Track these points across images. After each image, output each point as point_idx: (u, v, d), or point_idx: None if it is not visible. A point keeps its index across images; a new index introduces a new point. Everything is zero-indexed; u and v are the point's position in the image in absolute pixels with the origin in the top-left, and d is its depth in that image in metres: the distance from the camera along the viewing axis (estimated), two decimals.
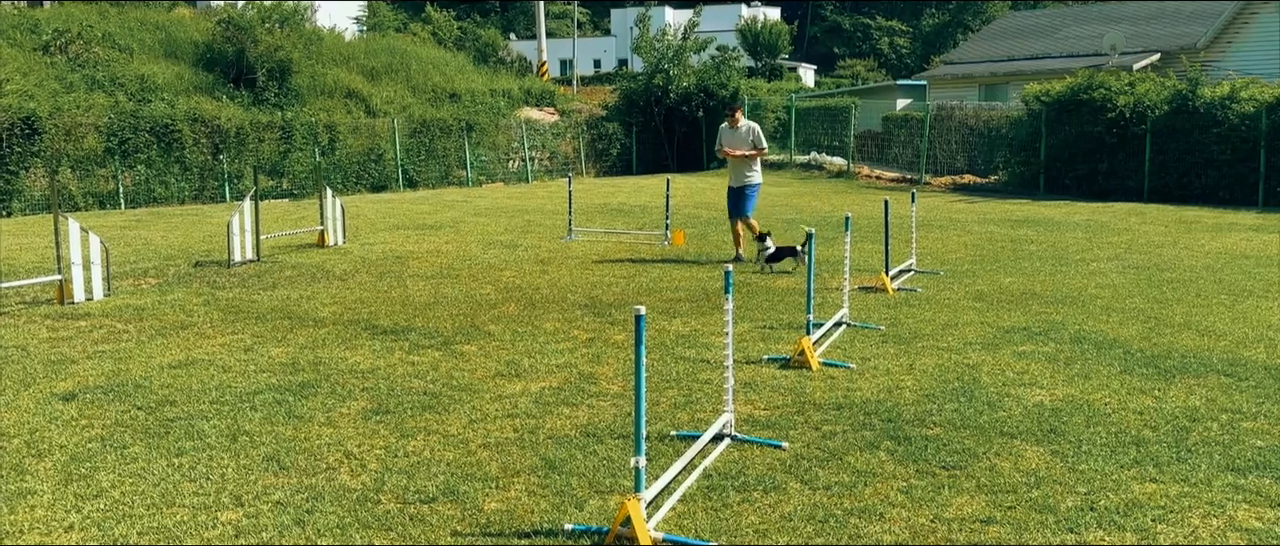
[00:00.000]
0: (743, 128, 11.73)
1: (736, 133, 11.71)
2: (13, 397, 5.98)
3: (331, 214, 13.30)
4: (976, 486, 4.58)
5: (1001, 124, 24.72)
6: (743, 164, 11.64)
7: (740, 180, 11.75)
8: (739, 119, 11.78)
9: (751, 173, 11.71)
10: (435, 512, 4.28)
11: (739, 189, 11.78)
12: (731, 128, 11.76)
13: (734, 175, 11.84)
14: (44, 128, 19.09)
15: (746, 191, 11.73)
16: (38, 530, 4.08)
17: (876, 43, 79.43)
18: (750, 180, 11.73)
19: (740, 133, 11.69)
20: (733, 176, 11.87)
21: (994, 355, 7.06)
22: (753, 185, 11.77)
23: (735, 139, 11.72)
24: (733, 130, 11.74)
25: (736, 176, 11.79)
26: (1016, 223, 16.08)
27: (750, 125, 11.78)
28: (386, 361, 6.89)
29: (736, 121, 11.73)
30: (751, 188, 11.76)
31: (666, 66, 30.53)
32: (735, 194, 11.84)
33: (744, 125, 11.76)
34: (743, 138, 11.66)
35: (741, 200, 11.73)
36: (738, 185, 11.78)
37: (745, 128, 11.73)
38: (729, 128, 11.79)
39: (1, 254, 12.37)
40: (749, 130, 11.69)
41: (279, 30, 25.49)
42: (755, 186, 11.80)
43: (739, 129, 11.72)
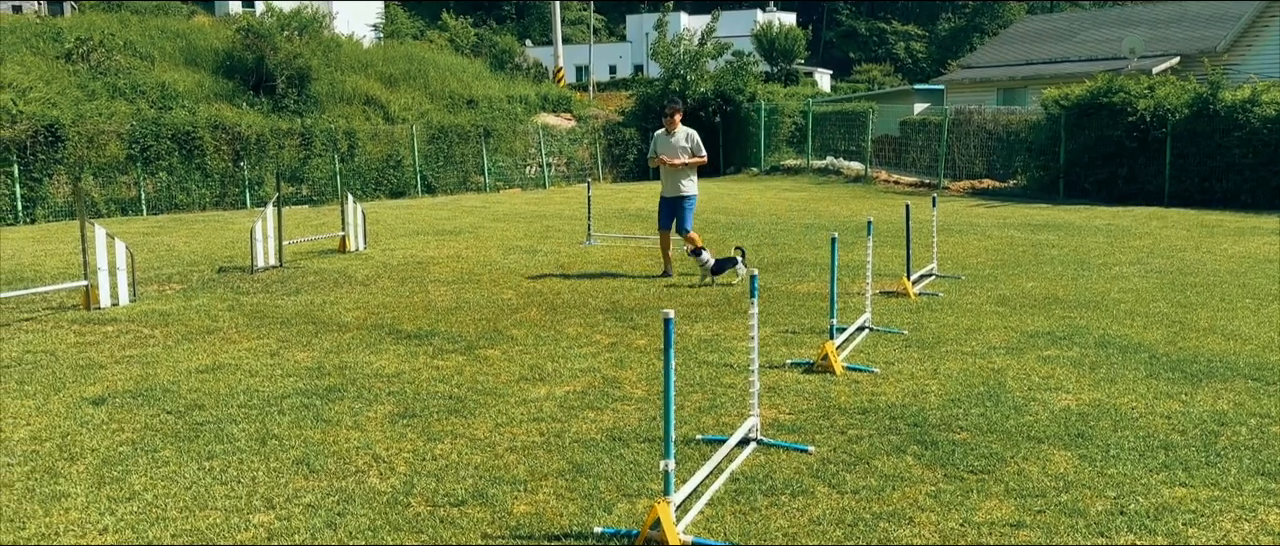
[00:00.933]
0: (680, 133, 10.72)
1: (673, 138, 10.69)
2: (43, 401, 6.05)
3: (353, 220, 13.38)
4: (1005, 490, 4.57)
5: (1020, 128, 24.63)
6: (678, 173, 10.69)
7: (675, 190, 10.77)
8: (677, 122, 10.74)
9: (688, 182, 10.77)
10: (465, 515, 4.30)
11: (674, 200, 10.81)
12: (667, 133, 10.73)
13: (668, 184, 10.83)
14: (67, 135, 19.29)
15: (684, 204, 10.78)
16: (73, 532, 4.12)
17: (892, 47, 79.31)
18: (686, 191, 10.76)
19: (677, 138, 10.68)
20: (666, 186, 10.85)
21: (1018, 359, 7.04)
22: (689, 197, 10.79)
23: (670, 146, 10.69)
24: (669, 135, 10.71)
25: (670, 186, 10.80)
26: (1037, 227, 16.01)
27: (688, 131, 10.79)
28: (411, 365, 6.93)
29: (674, 125, 10.70)
30: (688, 199, 10.79)
31: (683, 72, 30.58)
32: (669, 205, 10.88)
33: (682, 130, 10.75)
34: (679, 144, 10.66)
35: (679, 213, 10.78)
36: (672, 196, 10.81)
37: (683, 133, 10.72)
38: (665, 133, 10.75)
39: (26, 260, 12.50)
40: (687, 136, 10.71)
41: (298, 37, 25.68)
42: (692, 198, 10.85)
43: (676, 134, 10.70)
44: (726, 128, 30.58)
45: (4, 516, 4.26)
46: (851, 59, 75.61)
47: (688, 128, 10.85)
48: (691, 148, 10.69)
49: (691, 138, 10.71)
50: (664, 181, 10.84)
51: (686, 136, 10.71)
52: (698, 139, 10.78)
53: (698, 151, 10.72)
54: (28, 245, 14.22)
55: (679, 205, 10.78)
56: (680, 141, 10.66)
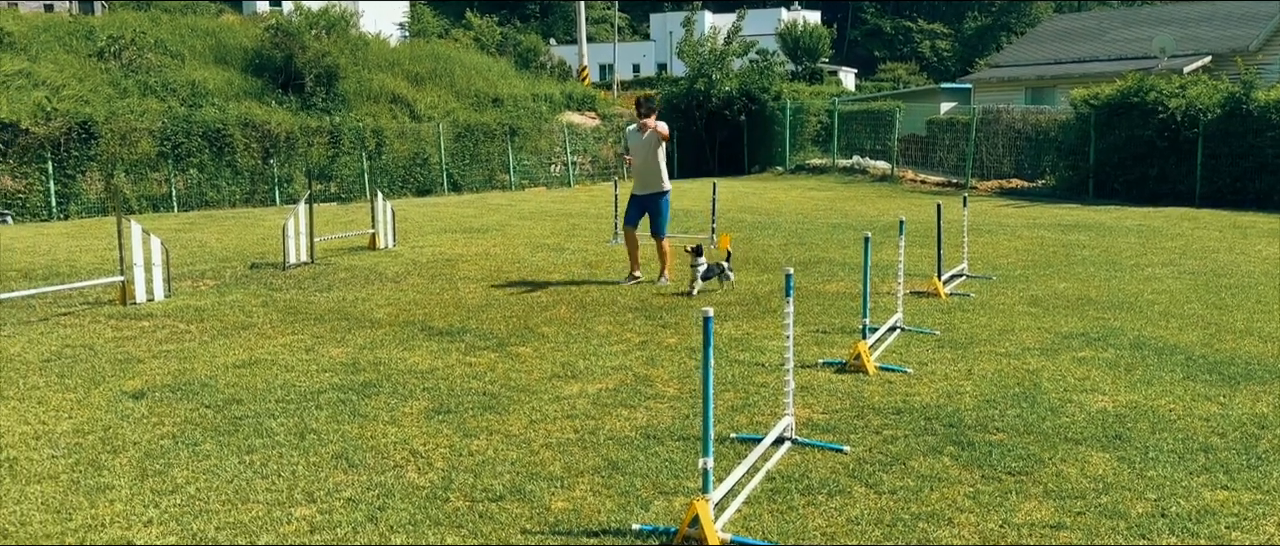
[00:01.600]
0: (652, 130, 10.15)
1: (645, 136, 10.18)
2: (84, 395, 6.13)
3: (382, 217, 13.47)
4: (1044, 492, 4.55)
5: (1049, 127, 24.43)
6: (650, 169, 10.20)
7: (646, 187, 10.28)
8: (650, 122, 10.11)
9: (660, 180, 10.25)
10: (504, 510, 4.33)
11: (646, 197, 10.30)
12: (640, 131, 10.20)
13: (639, 181, 10.34)
14: (100, 132, 19.52)
15: (659, 203, 10.29)
16: (118, 524, 4.18)
17: (917, 46, 78.88)
18: (659, 188, 10.27)
19: (649, 136, 10.15)
20: (637, 182, 10.37)
21: (1053, 360, 6.99)
22: (662, 194, 10.30)
23: (642, 143, 10.20)
24: (641, 132, 10.21)
25: (642, 182, 10.31)
26: (1067, 227, 15.89)
27: (662, 127, 10.17)
28: (444, 362, 6.97)
29: (647, 124, 10.10)
30: (662, 198, 10.30)
31: (708, 71, 30.55)
32: (639, 203, 10.37)
33: (654, 127, 10.14)
34: (652, 141, 10.14)
35: (652, 213, 10.32)
36: (644, 193, 10.31)
37: (653, 132, 10.14)
38: (637, 130, 10.24)
39: (62, 255, 12.66)
40: (660, 134, 10.15)
41: (326, 36, 25.85)
42: (665, 195, 10.34)
43: (648, 132, 10.15)
44: (751, 127, 30.52)
45: (51, 507, 4.33)
46: (877, 58, 75.24)
47: (662, 124, 10.25)
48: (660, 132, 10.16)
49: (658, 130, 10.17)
50: (635, 178, 10.41)
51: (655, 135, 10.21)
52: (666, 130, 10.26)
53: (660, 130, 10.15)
54: (62, 241, 14.40)
55: (652, 203, 10.28)
56: (654, 139, 10.20)
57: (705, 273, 9.75)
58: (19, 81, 19.88)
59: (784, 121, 29.82)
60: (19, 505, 4.35)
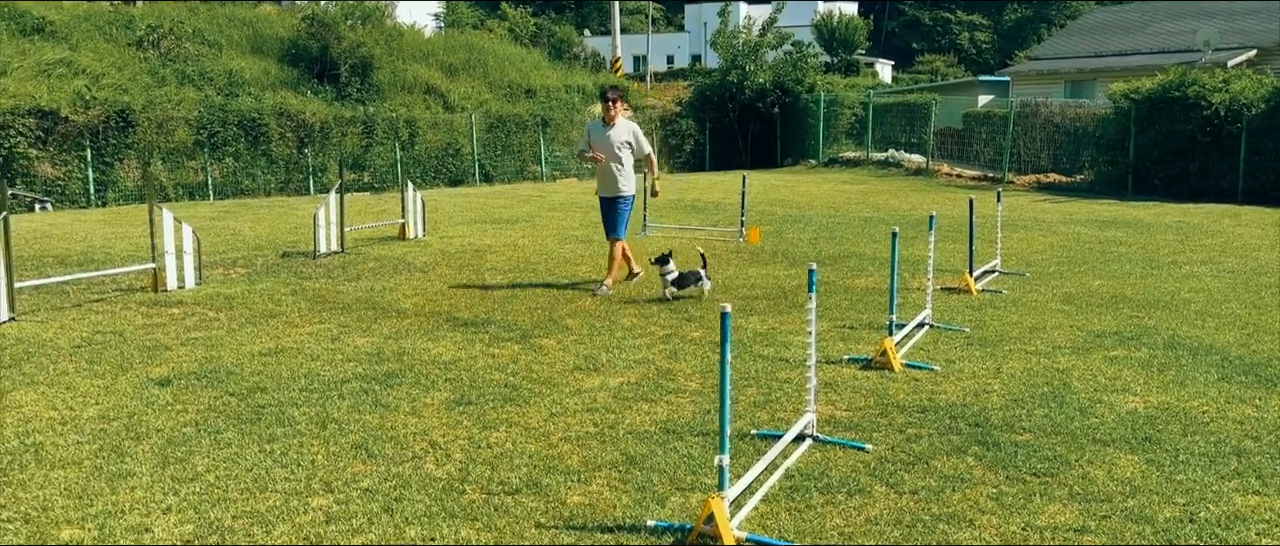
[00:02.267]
0: (621, 127, 9.34)
1: (611, 132, 9.31)
2: (111, 381, 6.20)
3: (412, 207, 13.52)
4: (1069, 494, 4.46)
5: (1088, 122, 24.05)
6: (616, 171, 9.32)
7: (611, 189, 9.41)
8: (617, 114, 9.33)
9: (626, 181, 9.40)
10: (519, 504, 4.31)
11: (610, 200, 9.46)
12: (606, 124, 9.35)
13: (603, 182, 9.49)
14: (137, 121, 19.77)
15: (619, 205, 9.42)
16: (138, 510, 4.21)
17: (956, 37, 78.01)
18: (623, 190, 9.39)
19: (617, 133, 9.30)
20: (601, 183, 9.53)
21: (1084, 360, 6.86)
22: (625, 197, 9.43)
23: (606, 141, 9.31)
24: (606, 128, 9.34)
25: (606, 183, 9.45)
26: (1104, 223, 15.63)
27: (630, 125, 9.42)
28: (468, 353, 6.97)
29: (613, 117, 9.31)
30: (624, 200, 9.43)
31: (743, 62, 30.39)
32: (606, 206, 9.56)
33: (624, 125, 9.36)
34: (618, 139, 9.29)
35: (613, 215, 9.46)
36: (609, 195, 9.45)
37: (626, 129, 9.35)
38: (603, 124, 9.39)
39: (98, 242, 12.83)
40: (631, 132, 9.37)
41: (361, 27, 26.01)
42: (629, 199, 9.47)
43: (614, 127, 9.33)
44: (784, 119, 30.34)
45: (73, 493, 4.37)
46: (914, 49, 74.49)
47: (630, 122, 9.50)
48: (634, 146, 9.36)
49: (634, 133, 9.37)
50: (599, 178, 9.56)
51: (630, 133, 9.36)
52: (641, 136, 9.45)
53: (640, 149, 9.42)
54: (99, 228, 14.60)
55: (613, 206, 9.44)
56: (621, 137, 9.29)
57: (678, 280, 8.91)
58: (60, 70, 20.18)
59: (817, 114, 29.60)
60: (42, 490, 4.40)
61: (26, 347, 7.07)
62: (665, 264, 8.84)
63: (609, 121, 9.33)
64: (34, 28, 21.55)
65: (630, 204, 9.53)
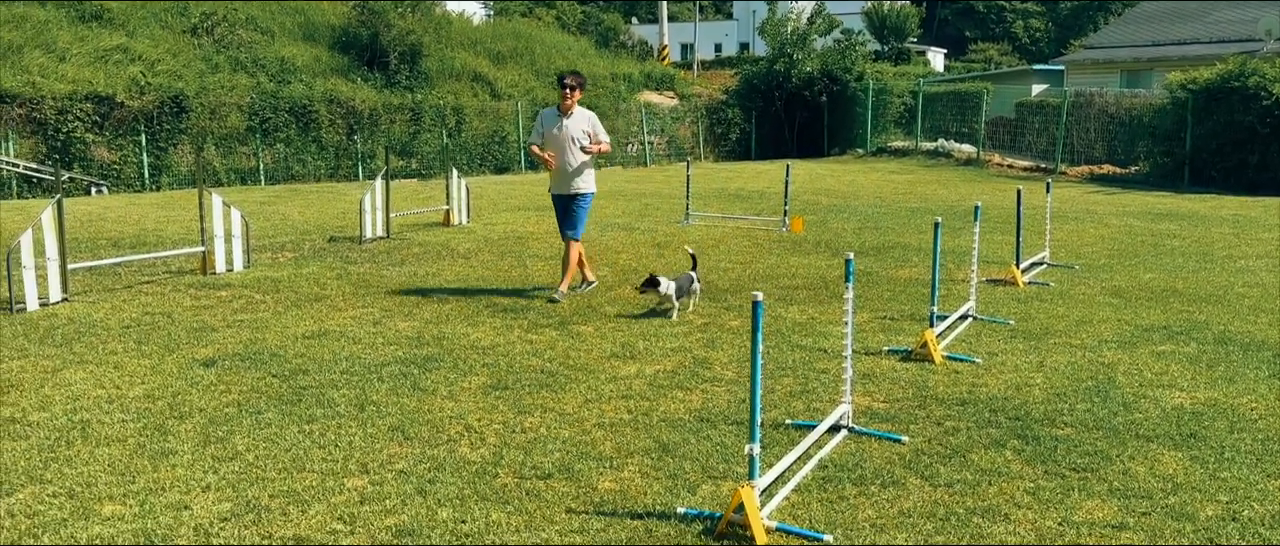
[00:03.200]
0: (579, 116, 8.48)
1: (567, 121, 8.43)
2: (158, 361, 6.33)
3: (457, 194, 13.63)
4: (1109, 490, 4.38)
5: (1144, 112, 23.53)
6: (573, 166, 8.48)
7: (566, 185, 8.54)
8: (574, 103, 8.46)
9: (584, 177, 8.56)
10: (551, 489, 4.33)
11: (567, 198, 8.59)
12: (562, 114, 8.44)
13: (557, 179, 8.59)
14: (191, 106, 20.14)
15: (576, 204, 8.56)
16: (178, 488, 4.30)
17: (1010, 25, 76.66)
18: (581, 187, 8.55)
19: (573, 122, 8.43)
20: (555, 180, 8.62)
21: (1131, 354, 6.73)
22: (584, 194, 8.58)
23: (562, 132, 8.42)
24: (562, 118, 8.44)
25: (561, 180, 8.56)
26: (1158, 216, 15.29)
27: (588, 114, 8.58)
28: (506, 338, 7.01)
29: (570, 106, 8.42)
30: (583, 198, 8.58)
31: (790, 50, 30.16)
32: (560, 204, 8.69)
33: (581, 113, 8.50)
34: (576, 129, 8.43)
35: (570, 214, 8.61)
36: (564, 192, 8.58)
37: (584, 117, 8.51)
38: (558, 113, 8.48)
39: (150, 225, 13.10)
40: (588, 120, 8.53)
41: (411, 14, 26.22)
42: (588, 196, 8.61)
43: (571, 117, 8.44)
44: (832, 108, 30.08)
45: (116, 469, 4.48)
46: (967, 37, 73.32)
47: (588, 111, 8.65)
48: (593, 134, 8.51)
49: (592, 122, 8.55)
50: (553, 174, 8.64)
51: (588, 121, 8.52)
52: (599, 125, 8.60)
53: (602, 138, 8.57)
54: (152, 211, 14.91)
55: (570, 205, 8.59)
56: (579, 126, 8.44)
57: (676, 291, 7.86)
58: (116, 56, 20.61)
59: (866, 103, 29.30)
60: (87, 466, 4.51)
61: (78, 327, 7.24)
62: (656, 286, 7.72)
63: (565, 110, 8.43)
64: (92, 15, 22.02)
65: (589, 201, 8.63)
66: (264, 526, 3.94)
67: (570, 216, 8.60)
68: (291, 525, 3.95)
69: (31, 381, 5.84)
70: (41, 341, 6.82)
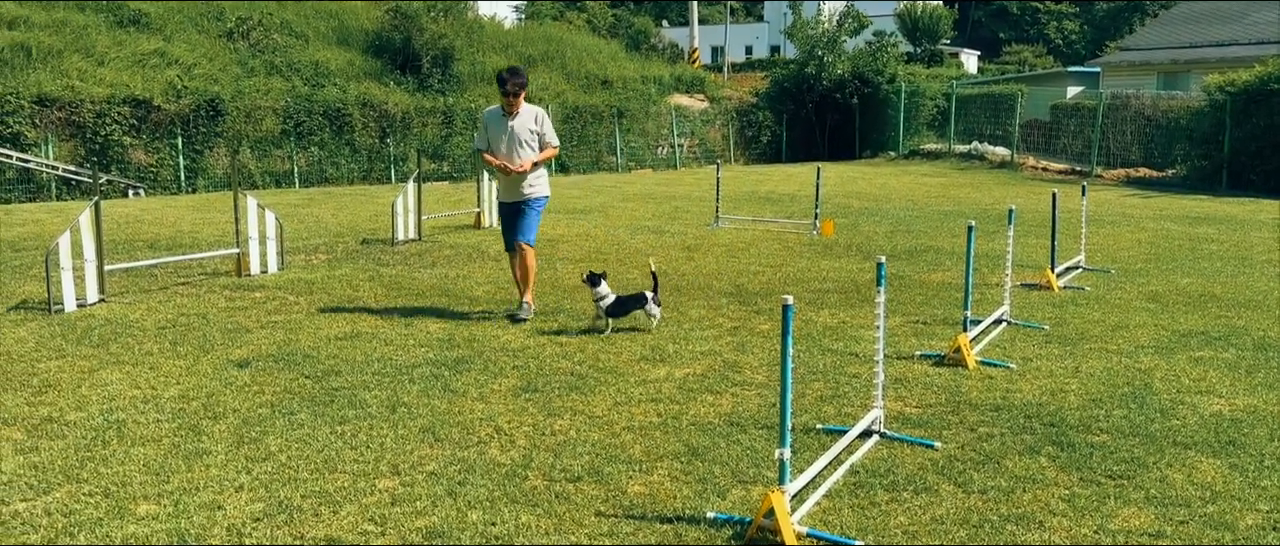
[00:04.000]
0: (526, 114, 7.71)
1: (514, 122, 7.65)
2: (193, 362, 6.40)
3: (488, 197, 13.68)
4: (1145, 498, 4.31)
5: (1182, 115, 23.20)
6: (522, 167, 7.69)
7: (515, 192, 7.78)
8: (520, 103, 7.69)
9: (534, 180, 7.80)
10: (580, 492, 4.33)
11: (515, 205, 7.82)
12: (508, 114, 7.67)
13: (506, 185, 7.84)
14: (227, 110, 20.38)
15: (527, 208, 7.80)
16: (212, 488, 4.34)
17: (1044, 27, 75.90)
18: (532, 192, 7.79)
19: (522, 122, 7.67)
20: (504, 187, 7.89)
21: (1168, 360, 6.63)
22: (535, 199, 7.83)
23: (509, 133, 7.65)
24: (508, 118, 7.67)
25: (510, 186, 7.80)
26: (1196, 220, 15.06)
27: (537, 112, 7.78)
28: (536, 341, 7.03)
29: (515, 106, 7.65)
30: (535, 203, 7.83)
31: (820, 52, 30.03)
32: (511, 212, 7.87)
33: (528, 110, 7.73)
34: (526, 129, 7.67)
35: (520, 220, 7.80)
36: (511, 200, 7.83)
37: (530, 115, 7.72)
38: (503, 113, 7.69)
39: (186, 227, 13.26)
40: (536, 118, 7.74)
41: (443, 19, 26.39)
42: (541, 201, 7.87)
43: (520, 116, 7.68)
44: (863, 110, 29.92)
45: (151, 469, 4.53)
46: (1001, 39, 72.68)
47: (535, 107, 7.84)
48: (542, 135, 7.75)
49: (541, 120, 7.76)
50: (500, 179, 7.94)
51: (536, 119, 7.74)
52: (549, 122, 7.84)
53: (550, 140, 7.80)
54: (188, 214, 15.09)
55: (521, 211, 7.82)
56: (527, 126, 7.68)
57: (612, 307, 7.29)
58: (153, 60, 20.91)
59: (898, 105, 29.11)
60: (122, 466, 4.56)
61: (114, 328, 7.34)
62: (596, 285, 7.21)
63: (510, 111, 7.67)
64: (130, 20, 22.35)
65: (543, 205, 7.91)
66: (296, 527, 3.96)
67: (522, 221, 7.80)
68: (323, 526, 3.98)
69: (69, 381, 5.93)
70: (79, 342, 6.92)
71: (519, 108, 7.67)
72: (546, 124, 7.80)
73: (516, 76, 7.61)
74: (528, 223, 7.81)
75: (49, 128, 18.32)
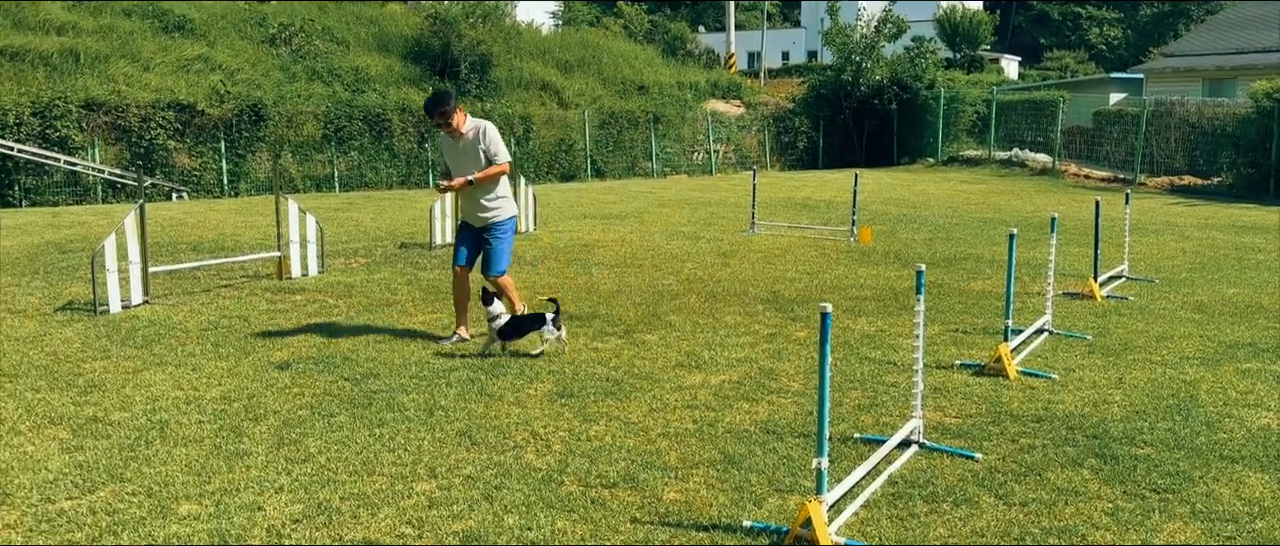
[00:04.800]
0: (470, 131, 7.06)
1: (460, 143, 7.09)
2: (234, 364, 6.48)
3: (524, 202, 13.73)
4: (1191, 512, 4.22)
5: (1227, 122, 22.80)
6: (479, 189, 7.09)
7: (478, 215, 7.17)
8: (461, 122, 7.04)
9: (495, 201, 7.16)
10: (616, 498, 4.32)
11: (480, 231, 7.21)
12: (453, 137, 7.08)
13: (467, 207, 7.24)
14: (269, 115, 20.64)
15: (494, 233, 7.15)
16: (252, 488, 4.39)
17: (1086, 33, 74.94)
18: (496, 215, 7.16)
19: (467, 142, 7.07)
20: (465, 208, 7.28)
21: (1214, 372, 6.50)
22: (502, 223, 7.19)
23: (458, 154, 7.12)
24: (456, 140, 7.10)
25: (471, 208, 7.20)
26: (1242, 229, 14.78)
27: (480, 126, 7.07)
28: (571, 346, 7.03)
29: (456, 126, 7.01)
30: (500, 227, 7.18)
31: (858, 58, 29.85)
32: (470, 236, 7.27)
33: (472, 125, 7.08)
34: (473, 148, 7.05)
35: (485, 248, 7.18)
36: (475, 225, 7.23)
37: (472, 131, 7.06)
38: (449, 137, 7.12)
39: (228, 230, 13.44)
40: (479, 134, 7.04)
41: (481, 25, 26.56)
42: (506, 225, 7.21)
43: (465, 136, 7.06)
44: (902, 116, 29.70)
45: (193, 469, 4.59)
46: (1042, 45, 71.87)
47: (480, 121, 7.18)
48: (487, 152, 7.05)
49: (486, 136, 7.05)
50: (462, 202, 7.38)
51: (479, 134, 7.05)
52: (495, 136, 7.11)
53: (495, 155, 7.06)
54: (230, 217, 15.30)
55: (485, 237, 7.18)
56: (471, 145, 7.06)
57: (505, 329, 6.78)
58: (197, 66, 21.25)
59: (937, 111, 28.87)
60: (165, 466, 4.63)
61: (158, 329, 7.45)
62: (490, 304, 6.77)
63: (455, 133, 7.04)
64: (175, 25, 22.73)
65: (509, 229, 7.22)
66: (335, 528, 3.99)
67: (488, 253, 7.12)
68: (362, 528, 4.00)
69: (113, 382, 6.02)
70: (123, 343, 7.03)
71: (461, 128, 7.04)
72: (489, 139, 7.04)
73: (439, 105, 6.98)
74: (495, 253, 7.12)
75: (96, 132, 18.66)
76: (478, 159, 7.05)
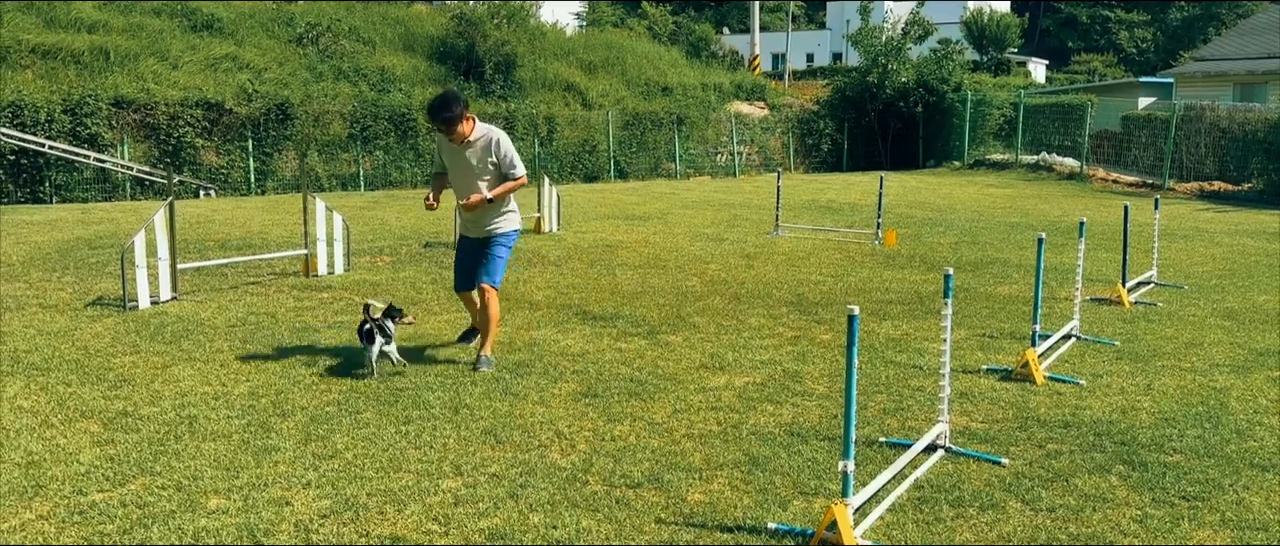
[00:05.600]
0: (479, 140, 6.41)
1: (467, 152, 6.42)
2: (262, 360, 6.53)
3: (548, 202, 13.77)
4: (1221, 520, 4.18)
5: (1259, 127, 22.51)
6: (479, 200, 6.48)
7: (477, 226, 6.63)
8: (469, 129, 6.38)
9: (501, 213, 6.62)
10: (640, 498, 4.33)
11: (481, 242, 6.64)
12: (458, 145, 6.41)
13: (470, 217, 6.63)
14: (296, 114, 20.80)
15: (496, 242, 6.60)
16: (280, 484, 4.42)
17: (1115, 36, 74.26)
18: (499, 226, 6.61)
19: (475, 151, 6.42)
20: (467, 219, 6.69)
21: (1244, 379, 6.43)
22: (501, 236, 6.62)
23: (464, 164, 6.46)
24: (461, 148, 6.42)
25: (470, 219, 6.65)
26: (1273, 235, 14.60)
27: (492, 137, 6.43)
28: (596, 346, 7.05)
29: (463, 134, 6.35)
30: (505, 237, 6.64)
31: (884, 60, 29.71)
32: (471, 249, 6.72)
33: (481, 135, 6.42)
34: (480, 160, 6.43)
35: (483, 261, 6.57)
36: (477, 236, 6.65)
37: (482, 142, 6.41)
38: (454, 144, 6.42)
39: (256, 228, 13.55)
40: (491, 146, 6.42)
41: (506, 26, 26.66)
42: (509, 237, 6.66)
43: (472, 144, 6.41)
44: (928, 119, 29.53)
45: (221, 464, 4.63)
46: (1070, 48, 71.27)
47: (490, 128, 6.52)
48: (502, 164, 6.46)
49: (500, 148, 6.43)
50: (462, 214, 6.75)
51: (491, 146, 6.43)
52: (509, 147, 6.48)
53: (511, 170, 6.47)
54: (257, 215, 15.42)
55: (487, 249, 6.60)
56: (481, 155, 6.43)
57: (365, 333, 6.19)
58: (226, 64, 21.45)
59: (963, 114, 28.69)
60: (194, 461, 4.67)
61: (186, 326, 7.52)
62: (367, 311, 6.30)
63: (459, 139, 6.38)
64: (203, 24, 22.95)
65: (511, 241, 6.69)
66: (361, 525, 4.02)
67: (486, 260, 6.56)
68: (388, 524, 4.03)
69: (143, 377, 6.09)
70: (152, 338, 7.10)
71: (468, 135, 6.38)
72: (503, 151, 6.42)
73: (447, 108, 6.25)
74: (492, 262, 6.55)
75: (125, 129, 18.87)
76: (486, 170, 6.43)
